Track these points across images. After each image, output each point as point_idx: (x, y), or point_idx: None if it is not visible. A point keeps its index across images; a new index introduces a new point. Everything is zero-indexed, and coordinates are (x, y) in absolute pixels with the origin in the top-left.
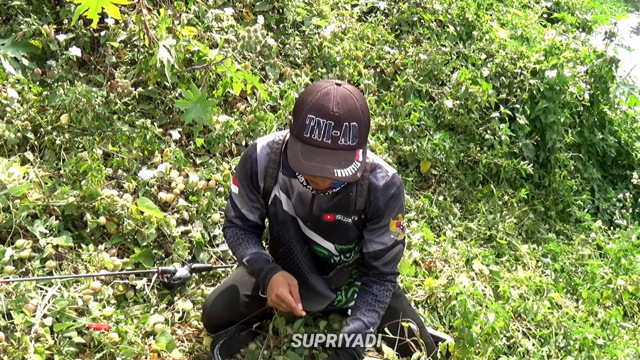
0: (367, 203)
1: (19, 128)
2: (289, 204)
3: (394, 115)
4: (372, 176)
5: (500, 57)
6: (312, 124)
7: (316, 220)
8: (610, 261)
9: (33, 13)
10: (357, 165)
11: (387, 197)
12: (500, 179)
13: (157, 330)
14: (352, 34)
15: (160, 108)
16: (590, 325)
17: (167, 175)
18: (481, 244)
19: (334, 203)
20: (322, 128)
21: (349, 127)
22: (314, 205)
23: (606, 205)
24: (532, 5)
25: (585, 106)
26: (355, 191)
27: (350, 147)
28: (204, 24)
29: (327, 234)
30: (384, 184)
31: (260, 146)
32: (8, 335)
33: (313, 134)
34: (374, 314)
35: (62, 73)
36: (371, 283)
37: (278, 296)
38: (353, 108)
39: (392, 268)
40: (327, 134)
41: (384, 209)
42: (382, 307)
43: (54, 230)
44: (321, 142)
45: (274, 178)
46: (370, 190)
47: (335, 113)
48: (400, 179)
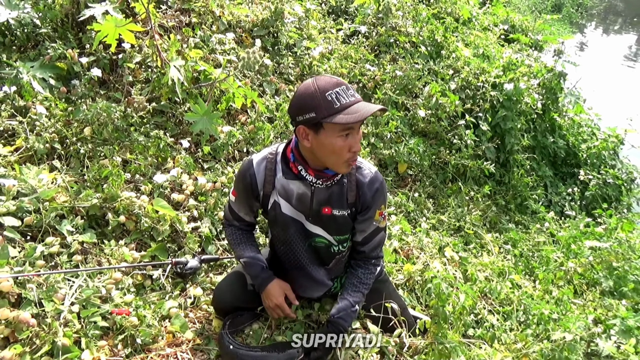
0: (357, 197)
1: (47, 139)
2: (288, 207)
3: (374, 124)
4: (359, 174)
5: (465, 72)
6: (334, 96)
7: (317, 215)
8: (561, 247)
9: (58, 39)
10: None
11: (373, 191)
12: (466, 178)
13: (172, 314)
14: (337, 54)
15: (171, 120)
16: (546, 302)
17: (179, 179)
18: (451, 234)
19: (329, 196)
20: (341, 93)
21: (351, 88)
22: (313, 201)
23: (557, 199)
24: (491, 28)
25: (538, 114)
26: (346, 186)
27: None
28: (209, 47)
29: (327, 226)
30: (369, 179)
31: (255, 161)
32: (40, 321)
33: (341, 100)
34: (358, 294)
35: (85, 91)
36: (357, 267)
37: (277, 306)
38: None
39: (377, 252)
40: (349, 93)
41: (371, 202)
42: (365, 287)
43: (80, 229)
44: (350, 101)
45: (271, 184)
46: (359, 186)
47: (339, 80)
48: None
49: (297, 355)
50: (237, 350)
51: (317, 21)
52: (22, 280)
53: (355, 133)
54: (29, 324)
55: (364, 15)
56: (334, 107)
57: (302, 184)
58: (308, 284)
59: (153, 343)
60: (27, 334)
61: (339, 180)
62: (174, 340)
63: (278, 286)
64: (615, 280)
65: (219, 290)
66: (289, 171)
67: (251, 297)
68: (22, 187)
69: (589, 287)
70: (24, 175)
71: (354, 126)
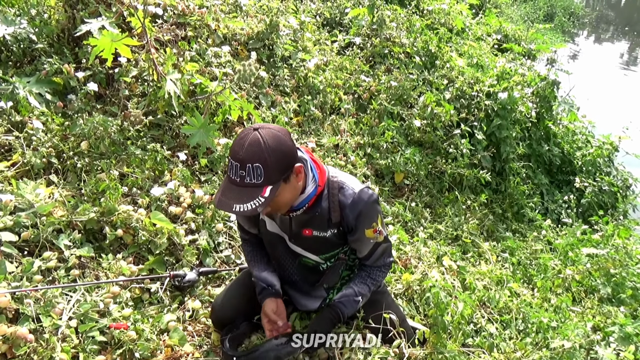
0: (341, 217)
1: (44, 154)
2: (272, 224)
3: (370, 135)
4: (341, 194)
5: (460, 82)
6: (230, 165)
7: (297, 236)
8: (559, 254)
9: (55, 54)
10: (261, 200)
11: (356, 214)
12: (463, 187)
13: (170, 327)
14: (332, 65)
15: (168, 133)
16: (545, 310)
17: (176, 192)
18: (449, 243)
19: (307, 220)
20: (233, 168)
21: (252, 167)
22: (292, 224)
23: (554, 207)
24: (484, 37)
25: (532, 122)
26: (329, 208)
27: (255, 185)
28: (204, 60)
29: (309, 247)
30: (351, 202)
31: None
32: (37, 336)
33: (230, 173)
34: (364, 286)
35: (82, 105)
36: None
37: (268, 322)
38: (258, 151)
39: (384, 260)
40: (236, 173)
41: (355, 224)
42: (373, 283)
43: (77, 243)
44: (232, 179)
45: None
46: (341, 207)
47: (240, 156)
48: (370, 191)
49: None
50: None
51: (312, 33)
52: (19, 295)
53: None
54: (27, 339)
55: (358, 27)
56: (226, 171)
57: None
58: (303, 298)
59: (152, 357)
60: (25, 349)
61: (312, 207)
62: (173, 354)
63: (271, 302)
64: (614, 287)
65: (218, 303)
66: None
67: (250, 309)
68: (19, 202)
69: (587, 295)
70: (20, 190)
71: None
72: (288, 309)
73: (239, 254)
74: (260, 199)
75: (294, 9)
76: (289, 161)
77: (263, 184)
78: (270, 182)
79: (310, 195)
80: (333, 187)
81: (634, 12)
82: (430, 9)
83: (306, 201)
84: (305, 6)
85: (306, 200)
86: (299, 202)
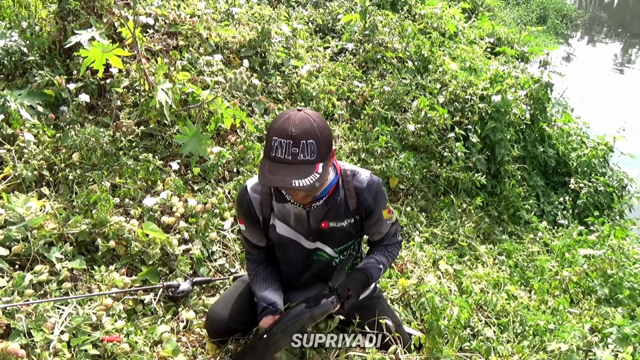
0: (359, 203)
1: (36, 167)
2: (285, 228)
3: (364, 140)
4: (355, 181)
5: (453, 86)
6: (276, 144)
7: (316, 232)
8: (556, 256)
9: (46, 66)
10: (316, 176)
11: (373, 195)
12: (458, 190)
13: (163, 338)
14: (325, 72)
15: (160, 143)
16: (542, 312)
17: (169, 201)
18: (445, 247)
19: (326, 212)
20: (283, 147)
21: (306, 144)
22: (310, 220)
23: (550, 208)
24: (477, 41)
25: (527, 124)
26: (345, 196)
27: (309, 161)
28: (196, 69)
29: (327, 240)
30: (367, 184)
31: (249, 188)
32: (29, 352)
33: (277, 152)
34: (384, 257)
35: (73, 117)
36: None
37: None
38: (310, 128)
39: (397, 238)
40: (287, 151)
41: (374, 205)
42: (391, 255)
43: (69, 255)
44: (283, 158)
45: (269, 208)
46: (358, 193)
47: (293, 133)
48: (378, 177)
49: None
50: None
51: (305, 40)
52: (10, 310)
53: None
54: (18, 355)
55: (350, 33)
56: (269, 152)
57: (296, 205)
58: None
59: None
60: None
61: (332, 196)
62: None
63: (268, 321)
64: (611, 288)
65: (213, 312)
66: (279, 194)
67: (246, 318)
68: (10, 216)
69: (585, 296)
70: (11, 203)
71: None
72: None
73: (234, 263)
74: (315, 175)
75: (286, 16)
76: (331, 141)
77: (316, 160)
78: (321, 158)
79: (332, 182)
80: (346, 175)
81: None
82: (423, 14)
83: (328, 189)
84: (297, 13)
85: (328, 187)
86: (321, 191)
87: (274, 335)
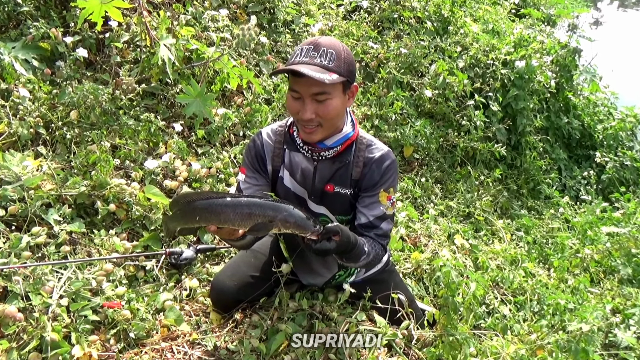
0: (362, 174)
1: (32, 124)
2: (291, 181)
3: (378, 105)
4: (368, 151)
5: (474, 49)
6: (297, 52)
7: (319, 193)
8: (577, 233)
9: (41, 17)
10: (330, 78)
11: (382, 169)
12: (476, 161)
13: (166, 306)
14: (338, 31)
15: (163, 103)
16: (562, 291)
17: (171, 165)
18: (461, 221)
19: (332, 173)
20: (304, 51)
21: (327, 52)
22: (316, 178)
23: (572, 183)
24: (501, 2)
25: (551, 93)
26: (352, 162)
27: (326, 67)
28: (201, 24)
29: (330, 205)
30: (380, 156)
31: (265, 132)
32: (27, 315)
33: (297, 57)
34: (370, 248)
35: (71, 73)
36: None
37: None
38: (335, 43)
39: (383, 241)
40: (307, 54)
41: (378, 179)
42: (372, 249)
43: (67, 218)
44: (301, 60)
45: (281, 158)
46: (366, 163)
47: (316, 41)
48: (394, 156)
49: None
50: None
51: None
52: (7, 272)
53: (304, 98)
54: (16, 318)
55: None
56: (290, 60)
57: (305, 157)
58: (308, 275)
59: (147, 337)
60: (14, 329)
61: (337, 156)
62: (169, 334)
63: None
64: (634, 268)
65: (218, 282)
66: (291, 141)
67: (253, 289)
68: (5, 175)
69: (607, 275)
70: (7, 162)
71: (300, 91)
72: (293, 287)
73: None
74: (330, 77)
75: None
76: (353, 72)
77: (332, 69)
78: (338, 72)
79: (345, 136)
80: (361, 143)
81: None
82: None
83: (340, 142)
84: None
85: (340, 140)
86: (334, 140)
87: (222, 206)
